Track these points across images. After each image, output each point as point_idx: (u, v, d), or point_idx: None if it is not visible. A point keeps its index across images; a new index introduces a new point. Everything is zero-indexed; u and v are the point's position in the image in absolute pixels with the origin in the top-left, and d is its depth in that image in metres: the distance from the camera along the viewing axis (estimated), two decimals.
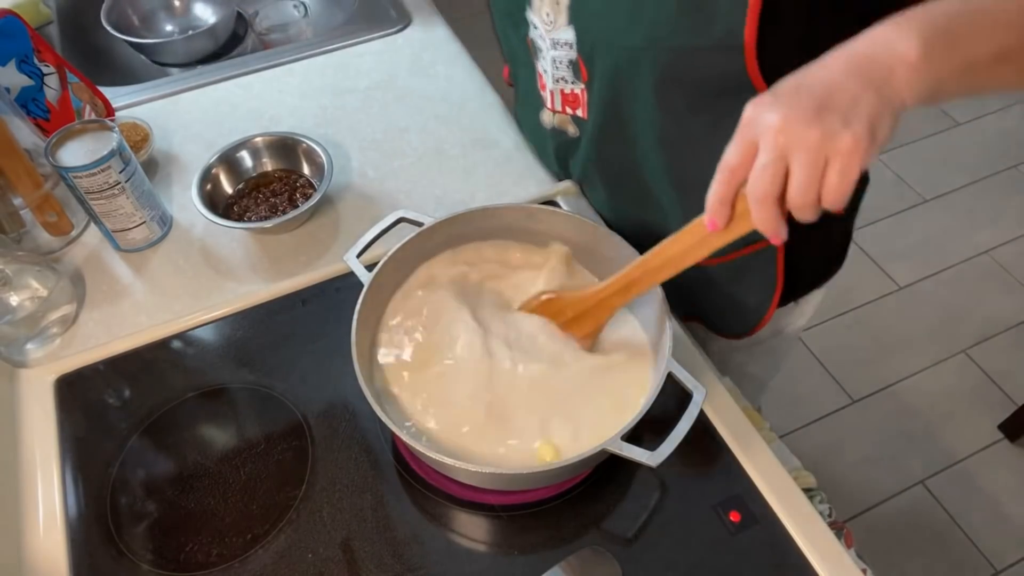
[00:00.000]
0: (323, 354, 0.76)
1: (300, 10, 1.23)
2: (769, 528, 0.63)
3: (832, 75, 0.45)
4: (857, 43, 0.46)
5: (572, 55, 0.68)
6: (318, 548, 0.63)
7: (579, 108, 0.73)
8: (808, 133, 0.43)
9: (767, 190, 0.46)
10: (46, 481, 0.68)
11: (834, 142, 0.43)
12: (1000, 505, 1.59)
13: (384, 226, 0.72)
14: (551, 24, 0.67)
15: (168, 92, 1.05)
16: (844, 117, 0.43)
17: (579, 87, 0.71)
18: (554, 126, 0.79)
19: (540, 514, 0.65)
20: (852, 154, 0.43)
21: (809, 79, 0.46)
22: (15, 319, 0.75)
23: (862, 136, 0.43)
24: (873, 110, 0.44)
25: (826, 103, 0.44)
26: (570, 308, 0.67)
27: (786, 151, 0.44)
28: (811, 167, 0.44)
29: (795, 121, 0.44)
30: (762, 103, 0.46)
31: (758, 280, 0.80)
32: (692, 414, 0.59)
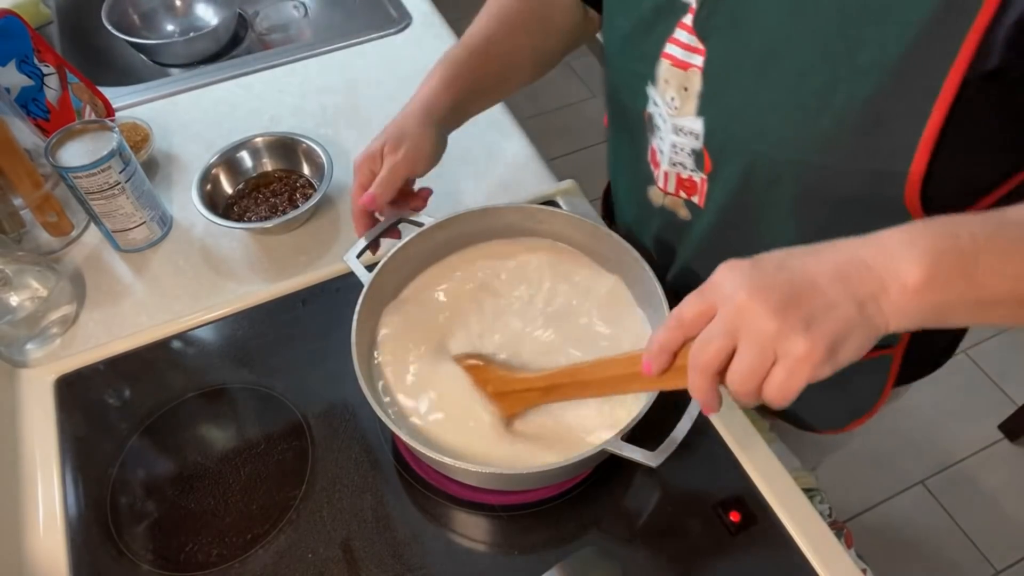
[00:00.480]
0: (323, 354, 0.76)
1: (300, 10, 1.23)
2: (769, 528, 0.63)
3: (820, 270, 0.42)
4: (864, 244, 0.43)
5: (697, 145, 0.62)
6: (318, 548, 0.63)
7: (696, 195, 0.67)
8: (765, 324, 0.41)
9: (708, 362, 0.43)
10: (46, 481, 0.68)
11: (788, 343, 0.40)
12: (1000, 505, 1.59)
13: (384, 226, 0.72)
14: (675, 110, 0.62)
15: (168, 92, 1.05)
16: (808, 321, 0.40)
17: (699, 176, 0.64)
18: (664, 206, 0.72)
19: (540, 514, 0.65)
20: (801, 362, 0.40)
21: (795, 263, 0.43)
22: (15, 319, 0.75)
23: (818, 348, 0.40)
24: (844, 325, 0.41)
25: (798, 299, 0.41)
26: (492, 383, 0.64)
27: (737, 332, 0.42)
28: (757, 358, 0.42)
29: (758, 305, 0.41)
30: (736, 270, 0.43)
31: (865, 385, 0.76)
32: (692, 414, 0.59)
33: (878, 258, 0.42)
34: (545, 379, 0.61)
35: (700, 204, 0.67)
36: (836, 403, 0.80)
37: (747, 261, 0.44)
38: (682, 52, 0.59)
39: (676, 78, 0.60)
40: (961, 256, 0.41)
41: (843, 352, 0.41)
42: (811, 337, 0.40)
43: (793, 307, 0.41)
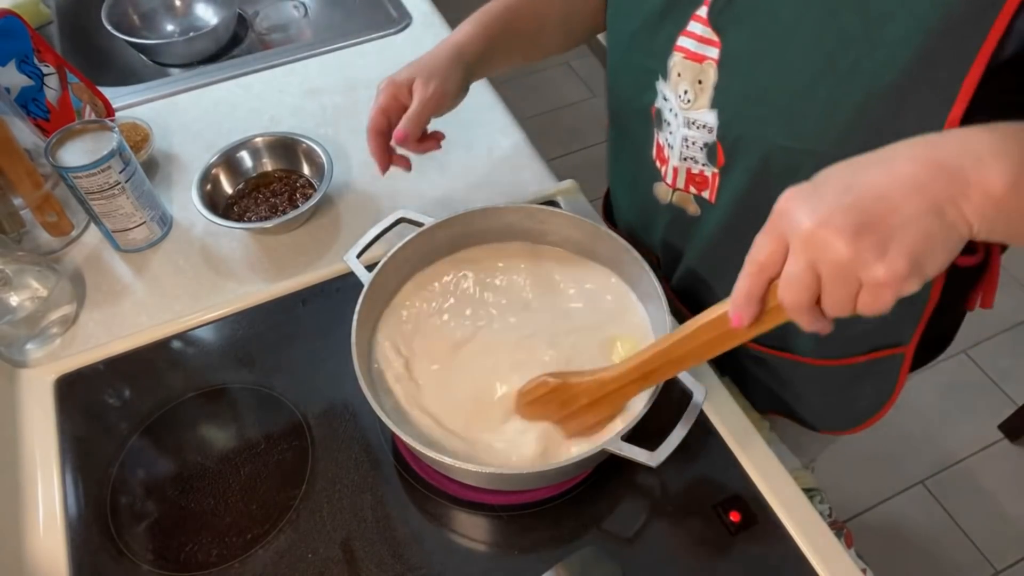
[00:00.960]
0: (323, 354, 0.76)
1: (300, 10, 1.23)
2: (769, 528, 0.63)
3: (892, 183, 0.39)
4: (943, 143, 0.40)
5: (710, 139, 0.62)
6: (318, 548, 0.63)
7: (706, 191, 0.66)
8: (839, 251, 0.38)
9: (800, 300, 0.41)
10: (46, 481, 0.68)
11: (866, 269, 0.38)
12: (1000, 505, 1.59)
13: (384, 226, 0.72)
14: (688, 103, 0.61)
15: (168, 92, 1.05)
16: (884, 243, 0.38)
17: (711, 170, 0.64)
18: (671, 203, 0.71)
19: (540, 514, 0.65)
20: (885, 287, 0.38)
21: (863, 179, 0.40)
22: (15, 319, 0.75)
23: (900, 270, 0.38)
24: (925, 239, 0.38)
25: (869, 219, 0.38)
26: (584, 395, 0.61)
27: (815, 262, 0.40)
28: (841, 287, 0.40)
29: (827, 233, 0.38)
30: (799, 196, 0.41)
31: (874, 386, 0.75)
32: (692, 414, 0.60)
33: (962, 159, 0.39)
34: (638, 369, 0.58)
35: (711, 199, 0.66)
36: (846, 405, 0.79)
37: (808, 185, 0.41)
38: (696, 44, 0.59)
39: (690, 71, 0.60)
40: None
41: (929, 266, 0.39)
42: (889, 260, 0.38)
43: (865, 232, 0.38)
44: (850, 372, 0.73)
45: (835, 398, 0.78)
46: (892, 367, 0.73)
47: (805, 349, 0.72)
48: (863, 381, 0.75)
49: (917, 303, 0.65)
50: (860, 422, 0.80)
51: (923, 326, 0.67)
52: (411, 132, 0.68)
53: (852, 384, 0.75)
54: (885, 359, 0.71)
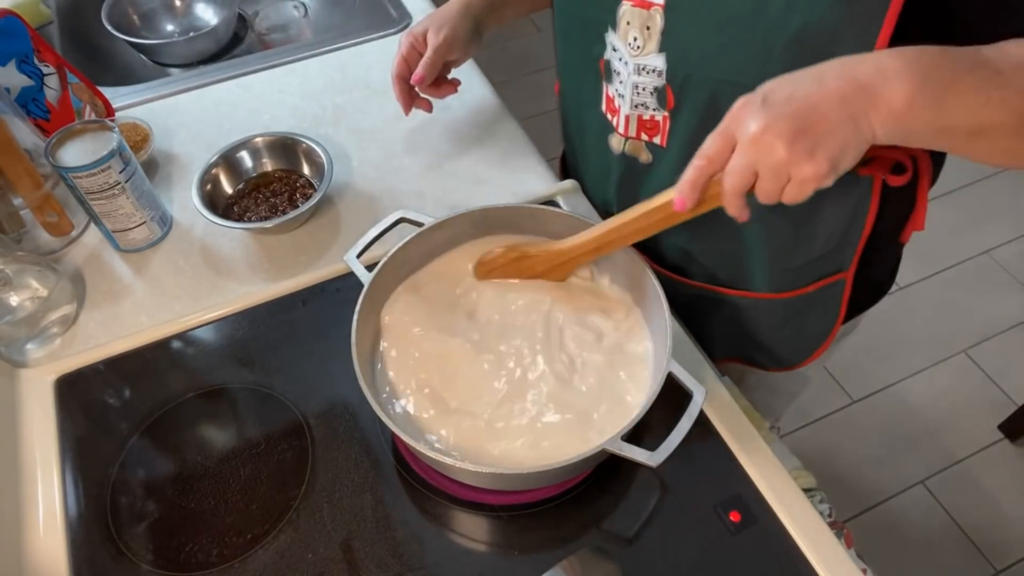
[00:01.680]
0: (323, 354, 0.76)
1: (300, 10, 1.23)
2: (769, 528, 0.63)
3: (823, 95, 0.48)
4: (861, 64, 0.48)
5: (659, 83, 0.65)
6: (318, 548, 0.63)
7: (657, 136, 0.70)
8: (778, 152, 0.47)
9: (738, 187, 0.51)
10: (46, 481, 0.68)
11: (797, 167, 0.48)
12: (1000, 505, 1.59)
13: (384, 226, 0.72)
14: (638, 49, 0.64)
15: (168, 92, 1.05)
16: (813, 146, 0.47)
17: (661, 114, 0.68)
18: (624, 152, 0.74)
19: (540, 514, 0.65)
20: (809, 181, 0.48)
21: (802, 91, 0.48)
22: (15, 319, 0.75)
23: (822, 169, 0.48)
24: (844, 142, 0.48)
25: (804, 126, 0.47)
26: (540, 263, 0.71)
27: (756, 160, 0.49)
28: (774, 180, 0.49)
29: (771, 137, 0.47)
30: (751, 105, 0.49)
31: (821, 313, 0.81)
32: (692, 414, 0.59)
33: (875, 78, 0.48)
34: (590, 243, 0.67)
35: (662, 143, 0.70)
36: (799, 335, 0.85)
37: (758, 96, 0.49)
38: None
39: (638, 18, 0.63)
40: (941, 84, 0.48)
41: (842, 164, 0.49)
42: (816, 161, 0.47)
43: (800, 136, 0.47)
44: (800, 302, 0.79)
45: (788, 331, 0.84)
46: (835, 293, 0.78)
47: (760, 285, 0.78)
48: (811, 310, 0.80)
49: (854, 229, 0.71)
50: (810, 352, 0.87)
51: (860, 251, 0.73)
52: (426, 74, 0.80)
53: (801, 314, 0.81)
54: (829, 286, 0.77)
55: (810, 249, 0.73)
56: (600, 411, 0.64)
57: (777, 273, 0.76)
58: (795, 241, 0.72)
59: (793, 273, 0.76)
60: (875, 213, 0.69)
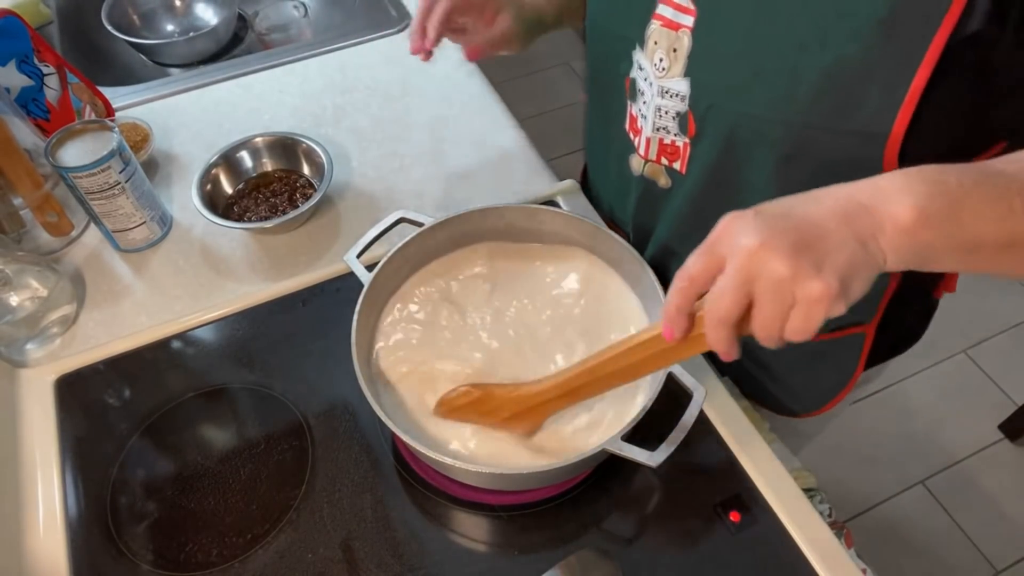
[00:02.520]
0: (323, 354, 0.76)
1: (300, 10, 1.23)
2: (769, 528, 0.63)
3: (822, 214, 0.43)
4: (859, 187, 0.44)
5: (682, 108, 0.63)
6: (318, 548, 0.63)
7: (677, 161, 0.67)
8: (779, 267, 0.41)
9: (726, 314, 0.43)
10: (46, 481, 0.68)
11: (803, 285, 0.41)
12: (1000, 505, 1.59)
13: (384, 226, 0.72)
14: (663, 71, 0.62)
15: (168, 92, 1.05)
16: (819, 262, 0.41)
17: (682, 140, 0.65)
18: (643, 174, 0.72)
19: (540, 514, 0.65)
20: (818, 303, 0.41)
21: (798, 210, 0.43)
22: (15, 319, 0.75)
23: (833, 287, 0.41)
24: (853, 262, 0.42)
25: (807, 242, 0.41)
26: (505, 408, 0.62)
27: (753, 279, 0.42)
28: (777, 303, 0.42)
29: (770, 252, 0.41)
30: (742, 220, 0.43)
31: (838, 364, 0.77)
32: (692, 414, 0.59)
33: (874, 199, 0.43)
34: (564, 384, 0.59)
35: (681, 170, 0.67)
36: (811, 384, 0.81)
37: (750, 211, 0.44)
38: (673, 12, 0.60)
39: (666, 39, 0.61)
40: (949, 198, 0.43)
41: (853, 288, 0.42)
42: (824, 278, 0.41)
43: (804, 251, 0.41)
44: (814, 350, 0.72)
45: (798, 378, 0.80)
46: (854, 345, 0.74)
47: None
48: (826, 360, 0.76)
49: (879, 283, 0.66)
50: (822, 403, 0.82)
51: (884, 305, 0.69)
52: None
53: (816, 362, 0.77)
54: (847, 338, 0.73)
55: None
56: (601, 410, 0.64)
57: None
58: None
59: None
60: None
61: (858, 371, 0.77)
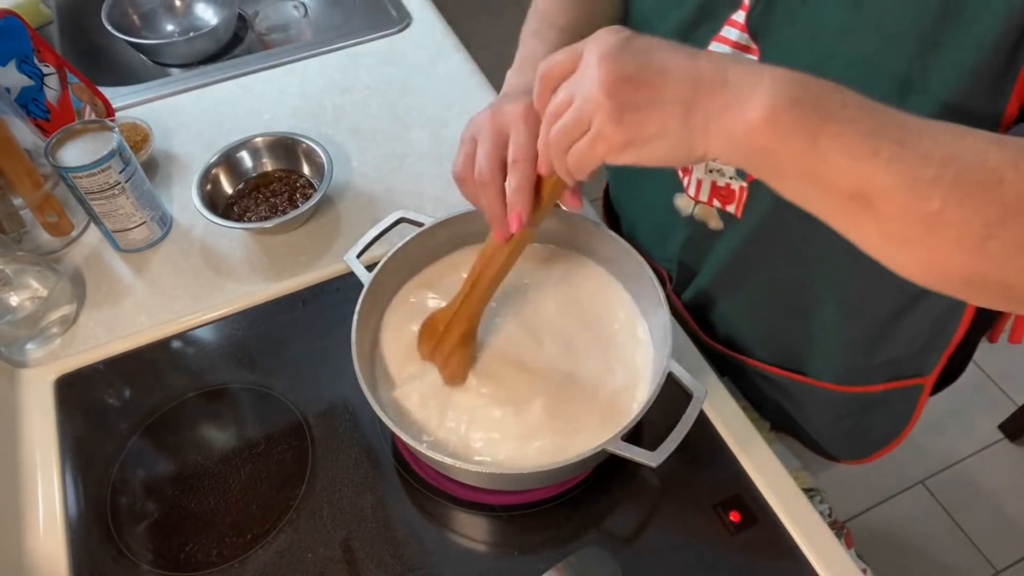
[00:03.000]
0: (323, 354, 0.76)
1: (300, 10, 1.23)
2: (769, 528, 0.63)
3: (679, 67, 0.40)
4: (741, 63, 0.40)
5: None
6: (318, 548, 0.63)
7: (731, 204, 0.63)
8: (594, 92, 0.40)
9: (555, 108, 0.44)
10: (46, 481, 0.68)
11: (600, 120, 0.40)
12: (1000, 505, 1.59)
13: (384, 226, 0.72)
14: None
15: (168, 92, 1.05)
16: (631, 108, 0.40)
17: (738, 184, 0.60)
18: (692, 215, 0.68)
19: (540, 514, 0.65)
20: (601, 140, 0.41)
21: (664, 52, 0.41)
22: (15, 319, 0.75)
23: (620, 137, 0.40)
24: (659, 126, 0.40)
25: (636, 83, 0.40)
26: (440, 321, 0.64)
27: (575, 92, 0.42)
28: (574, 119, 0.42)
29: (599, 73, 0.40)
30: (610, 34, 0.42)
31: (888, 415, 0.74)
32: (692, 414, 0.59)
33: (741, 79, 0.39)
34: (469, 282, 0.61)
35: (736, 214, 0.63)
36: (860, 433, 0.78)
37: (627, 32, 0.42)
38: (730, 51, 0.56)
39: None
40: (817, 112, 0.37)
41: (647, 151, 0.41)
42: (623, 124, 0.40)
43: (626, 89, 0.40)
44: (866, 400, 0.71)
45: (848, 426, 0.76)
46: (910, 397, 0.71)
47: (820, 373, 0.71)
48: (878, 410, 0.73)
49: (944, 334, 0.63)
50: (870, 453, 0.79)
51: (946, 358, 0.66)
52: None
53: (866, 413, 0.74)
54: (903, 389, 0.70)
55: (892, 347, 0.65)
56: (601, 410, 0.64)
57: (845, 367, 0.68)
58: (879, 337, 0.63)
59: (864, 370, 0.68)
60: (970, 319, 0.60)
61: (911, 423, 0.74)
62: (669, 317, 0.64)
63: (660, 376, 0.60)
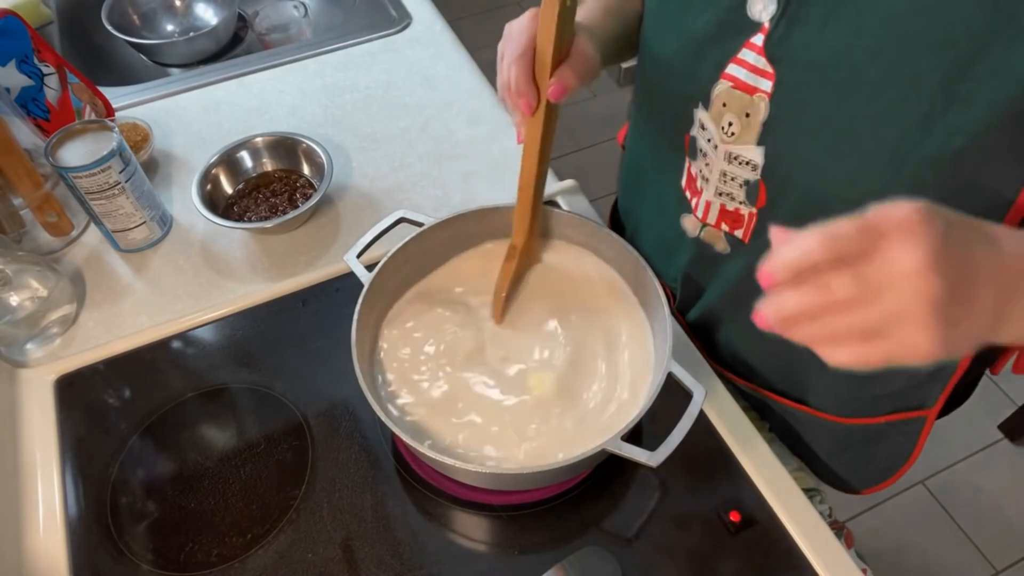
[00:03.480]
0: (323, 354, 0.76)
1: (300, 10, 1.23)
2: (769, 528, 0.63)
3: (992, 275, 0.36)
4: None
5: (752, 177, 0.57)
6: (318, 548, 0.63)
7: (739, 230, 0.62)
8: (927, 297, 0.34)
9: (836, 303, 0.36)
10: (46, 481, 0.68)
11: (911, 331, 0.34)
12: (1000, 505, 1.59)
13: (384, 226, 0.72)
14: (732, 136, 0.57)
15: (168, 92, 1.05)
16: (950, 321, 0.34)
17: (748, 210, 0.60)
18: (699, 237, 0.67)
19: (540, 514, 0.65)
20: (908, 356, 0.35)
21: (978, 249, 0.36)
22: (15, 319, 0.75)
23: (936, 353, 0.35)
24: (976, 334, 0.36)
25: (958, 294, 0.34)
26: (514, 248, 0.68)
27: (884, 289, 0.34)
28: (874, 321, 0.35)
29: (929, 287, 0.34)
30: (930, 248, 0.34)
31: (891, 447, 0.74)
32: (692, 414, 0.59)
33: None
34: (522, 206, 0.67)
35: (744, 239, 0.63)
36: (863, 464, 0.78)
37: (938, 218, 0.34)
38: (748, 75, 0.54)
39: (738, 102, 0.55)
40: None
41: (953, 355, 0.36)
42: (940, 343, 0.35)
43: (950, 306, 0.34)
44: (869, 432, 0.71)
45: (851, 457, 0.76)
46: (913, 430, 0.71)
47: (823, 404, 0.71)
48: (881, 442, 0.73)
49: (947, 368, 0.63)
50: (874, 483, 0.78)
51: (949, 391, 0.65)
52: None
53: (869, 444, 0.73)
54: (906, 421, 0.69)
55: (893, 379, 0.64)
56: (601, 410, 0.64)
57: (846, 398, 0.68)
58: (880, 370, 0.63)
59: (866, 402, 0.68)
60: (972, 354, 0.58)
61: (914, 455, 0.73)
62: (670, 317, 0.64)
63: (660, 376, 0.60)
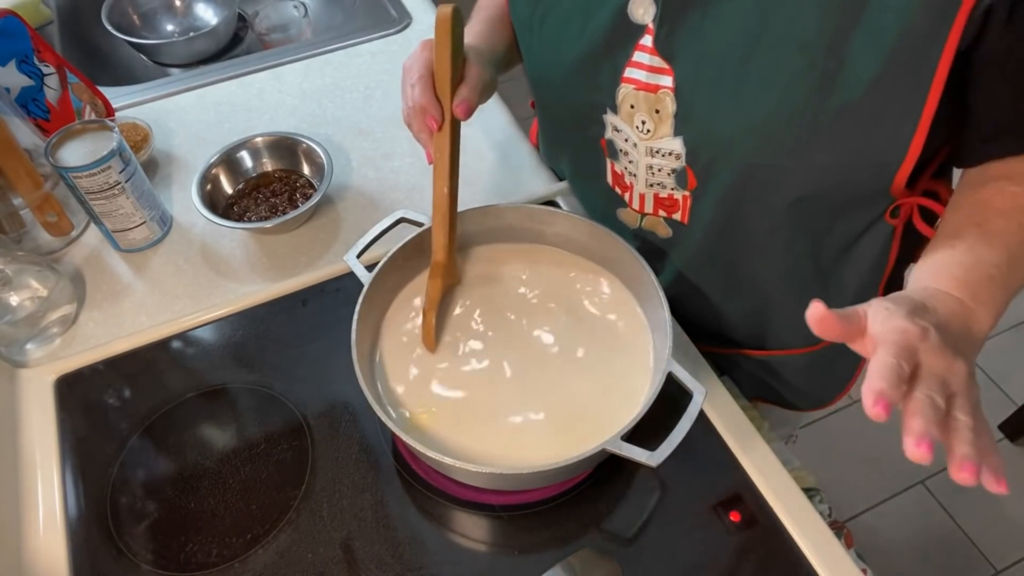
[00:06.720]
0: (323, 354, 0.76)
1: (300, 10, 1.23)
2: (769, 528, 0.63)
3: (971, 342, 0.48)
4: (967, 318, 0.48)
5: (678, 165, 0.61)
6: (318, 548, 0.63)
7: (677, 213, 0.66)
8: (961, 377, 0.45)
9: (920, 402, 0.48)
10: (46, 481, 0.68)
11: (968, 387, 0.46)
12: (1000, 505, 1.59)
13: (384, 226, 0.72)
14: (647, 133, 0.60)
15: (168, 92, 1.05)
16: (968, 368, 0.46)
17: (681, 193, 0.64)
18: (640, 228, 0.71)
19: (540, 514, 0.65)
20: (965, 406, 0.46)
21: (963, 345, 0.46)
22: (15, 319, 0.75)
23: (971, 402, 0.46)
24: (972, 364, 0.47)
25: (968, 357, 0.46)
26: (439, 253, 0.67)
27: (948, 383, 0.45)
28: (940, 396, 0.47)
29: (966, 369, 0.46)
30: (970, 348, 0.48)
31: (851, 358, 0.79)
32: (692, 414, 0.59)
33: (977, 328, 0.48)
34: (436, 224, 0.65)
35: (683, 220, 0.66)
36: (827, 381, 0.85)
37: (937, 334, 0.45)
38: (647, 75, 0.58)
39: (645, 102, 0.59)
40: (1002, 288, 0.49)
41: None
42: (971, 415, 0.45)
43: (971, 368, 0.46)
44: (830, 352, 0.77)
45: (818, 377, 0.83)
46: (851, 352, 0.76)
47: (788, 342, 0.78)
48: (839, 357, 0.79)
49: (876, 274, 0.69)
50: (837, 393, 0.86)
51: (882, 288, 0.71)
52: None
53: (831, 363, 0.81)
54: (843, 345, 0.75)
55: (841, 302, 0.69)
56: (601, 410, 0.64)
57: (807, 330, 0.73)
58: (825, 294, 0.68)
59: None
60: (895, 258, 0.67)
61: (856, 374, 0.80)
62: (669, 317, 0.64)
63: (660, 376, 0.60)
